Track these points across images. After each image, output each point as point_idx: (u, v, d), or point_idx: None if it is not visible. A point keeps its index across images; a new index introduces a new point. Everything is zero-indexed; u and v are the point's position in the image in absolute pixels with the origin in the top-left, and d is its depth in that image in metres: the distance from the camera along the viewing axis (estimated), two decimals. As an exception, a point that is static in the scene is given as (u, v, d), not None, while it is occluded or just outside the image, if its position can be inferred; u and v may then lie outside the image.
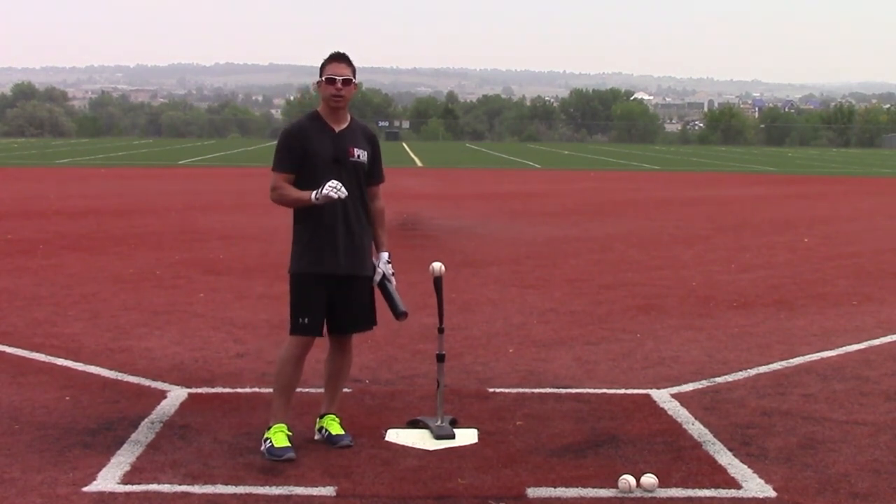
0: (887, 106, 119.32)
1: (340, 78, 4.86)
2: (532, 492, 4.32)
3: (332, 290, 4.90)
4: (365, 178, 5.01)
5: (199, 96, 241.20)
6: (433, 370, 5.34)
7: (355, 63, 4.97)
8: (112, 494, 4.24)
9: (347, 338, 5.10)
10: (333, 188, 4.72)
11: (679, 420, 5.42)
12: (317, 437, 5.02)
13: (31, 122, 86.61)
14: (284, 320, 5.05)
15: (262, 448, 4.76)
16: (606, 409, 5.60)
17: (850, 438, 5.14)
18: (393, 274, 5.06)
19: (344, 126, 4.97)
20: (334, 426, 4.99)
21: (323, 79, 4.90)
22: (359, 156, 4.94)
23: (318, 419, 5.09)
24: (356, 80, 4.96)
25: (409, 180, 28.47)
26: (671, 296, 9.41)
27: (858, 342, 7.48)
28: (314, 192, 4.76)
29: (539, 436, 5.09)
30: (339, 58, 4.94)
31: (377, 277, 5.01)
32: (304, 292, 4.89)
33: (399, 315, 4.98)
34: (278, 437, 4.75)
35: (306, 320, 4.87)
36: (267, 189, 5.02)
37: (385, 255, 5.06)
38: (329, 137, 4.91)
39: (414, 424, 5.21)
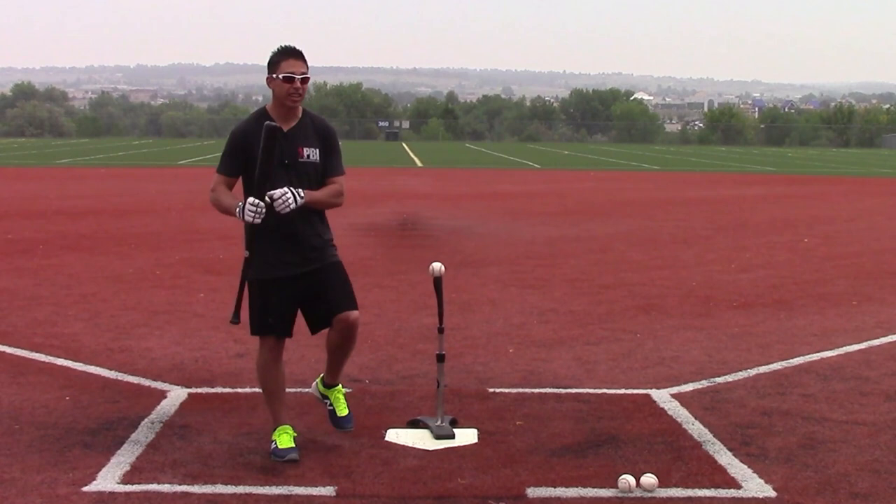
0: (887, 106, 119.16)
1: (300, 76, 4.59)
2: (532, 492, 4.32)
3: (298, 287, 4.73)
4: (319, 176, 4.74)
5: (199, 96, 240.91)
6: (433, 370, 5.34)
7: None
8: (112, 494, 4.24)
9: (342, 321, 4.75)
10: (252, 212, 4.46)
11: (679, 420, 5.43)
12: (313, 391, 5.09)
13: (31, 122, 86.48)
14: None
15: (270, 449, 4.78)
16: (606, 409, 5.60)
17: (850, 438, 5.14)
18: (288, 203, 4.51)
19: (293, 124, 4.70)
20: (341, 404, 4.96)
21: (278, 76, 4.59)
22: (308, 155, 4.68)
23: (320, 383, 5.04)
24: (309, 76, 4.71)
25: (409, 180, 28.51)
26: (671, 296, 9.41)
27: (858, 342, 7.48)
28: (237, 206, 4.54)
29: (539, 436, 5.09)
30: (294, 54, 4.64)
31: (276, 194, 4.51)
32: (263, 295, 4.75)
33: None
34: (282, 438, 4.75)
35: (271, 320, 4.74)
36: None
37: (301, 191, 4.60)
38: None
39: (414, 424, 5.21)
